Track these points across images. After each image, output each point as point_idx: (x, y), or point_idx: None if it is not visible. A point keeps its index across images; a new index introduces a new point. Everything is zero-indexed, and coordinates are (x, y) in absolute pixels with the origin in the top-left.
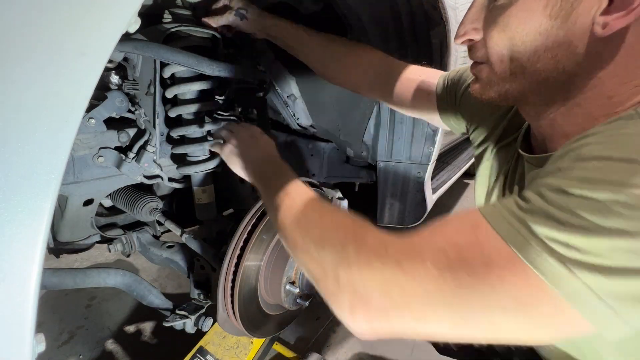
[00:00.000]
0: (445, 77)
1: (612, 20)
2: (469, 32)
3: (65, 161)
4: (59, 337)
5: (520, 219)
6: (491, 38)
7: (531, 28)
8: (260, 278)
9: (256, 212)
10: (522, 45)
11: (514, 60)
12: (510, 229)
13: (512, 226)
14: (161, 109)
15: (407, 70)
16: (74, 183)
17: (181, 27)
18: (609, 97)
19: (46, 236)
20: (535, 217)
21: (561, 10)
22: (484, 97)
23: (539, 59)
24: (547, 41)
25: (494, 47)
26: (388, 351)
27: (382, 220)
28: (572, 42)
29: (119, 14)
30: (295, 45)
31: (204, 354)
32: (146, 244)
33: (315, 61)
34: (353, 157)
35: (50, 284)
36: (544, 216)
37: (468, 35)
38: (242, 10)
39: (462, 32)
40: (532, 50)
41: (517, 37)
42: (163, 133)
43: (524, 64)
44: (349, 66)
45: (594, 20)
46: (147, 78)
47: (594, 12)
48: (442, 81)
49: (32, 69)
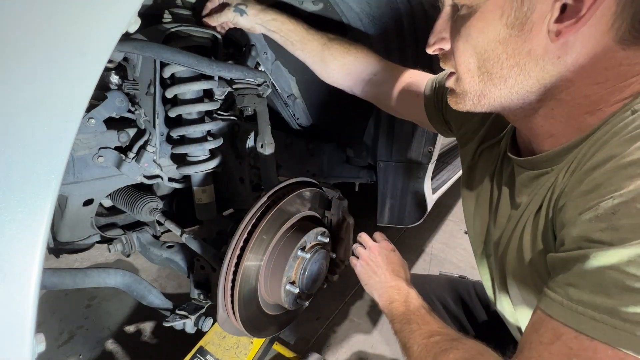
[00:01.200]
0: (433, 80)
1: (564, 27)
2: (438, 41)
3: (65, 161)
4: (59, 337)
5: (601, 307)
6: (457, 48)
7: (491, 37)
8: (260, 278)
9: (256, 212)
10: (485, 53)
11: (481, 67)
12: (597, 325)
13: (597, 320)
14: (161, 109)
15: (401, 73)
16: (74, 183)
17: (181, 27)
18: (585, 96)
19: (46, 236)
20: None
21: (516, 20)
22: (460, 108)
23: (503, 66)
24: (507, 49)
25: (460, 56)
26: (388, 351)
27: (382, 220)
28: (532, 49)
29: (119, 14)
30: (294, 41)
31: (204, 354)
32: (146, 244)
33: (313, 59)
34: (353, 157)
35: (50, 284)
36: (624, 292)
37: (437, 44)
38: (242, 5)
39: (432, 41)
40: (495, 58)
41: (479, 46)
42: (163, 133)
43: (490, 70)
44: (346, 66)
45: (548, 27)
46: (147, 78)
47: (547, 20)
48: (430, 84)
49: (32, 68)
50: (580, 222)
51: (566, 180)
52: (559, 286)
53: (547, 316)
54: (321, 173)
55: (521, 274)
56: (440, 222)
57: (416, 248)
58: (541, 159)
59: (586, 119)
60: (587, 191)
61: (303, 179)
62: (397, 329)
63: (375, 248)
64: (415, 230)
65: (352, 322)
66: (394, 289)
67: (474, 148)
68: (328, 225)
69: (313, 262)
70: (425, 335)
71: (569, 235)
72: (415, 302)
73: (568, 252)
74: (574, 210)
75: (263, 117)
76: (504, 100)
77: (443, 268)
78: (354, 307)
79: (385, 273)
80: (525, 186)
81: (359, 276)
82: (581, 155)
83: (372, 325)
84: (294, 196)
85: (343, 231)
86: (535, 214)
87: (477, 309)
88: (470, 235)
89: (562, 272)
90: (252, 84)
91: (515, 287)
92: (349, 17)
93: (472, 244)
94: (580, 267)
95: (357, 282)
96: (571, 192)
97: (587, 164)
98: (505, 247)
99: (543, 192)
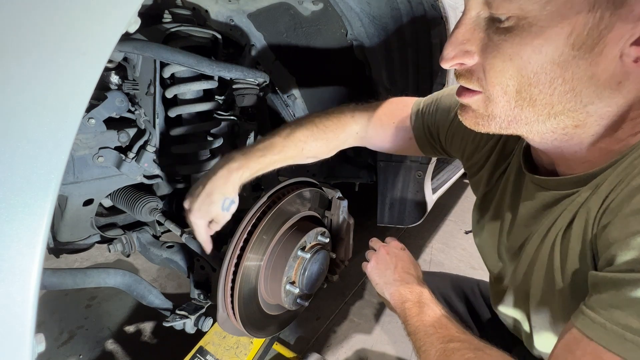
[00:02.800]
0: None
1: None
2: (460, 55)
3: (65, 161)
4: (59, 337)
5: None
6: (493, 67)
7: (547, 58)
8: (260, 278)
9: (256, 212)
10: (534, 76)
11: (522, 92)
12: None
13: None
14: (161, 109)
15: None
16: (74, 183)
17: (181, 27)
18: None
19: (46, 236)
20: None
21: (587, 39)
22: (480, 129)
23: (554, 92)
24: (566, 73)
25: (496, 76)
26: (388, 351)
27: (382, 220)
28: (596, 74)
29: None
30: (282, 160)
31: (204, 354)
32: (146, 244)
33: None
34: (353, 157)
35: (50, 284)
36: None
37: (458, 59)
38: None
39: (451, 54)
40: (546, 82)
41: (529, 68)
42: (163, 133)
43: (535, 96)
44: (332, 140)
45: (622, 51)
46: (147, 78)
47: (623, 42)
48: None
49: (32, 68)
50: (635, 244)
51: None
52: (602, 307)
53: (585, 337)
54: (321, 173)
55: (551, 291)
56: (440, 222)
57: (416, 248)
58: (572, 181)
59: (629, 141)
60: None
61: (303, 179)
62: (410, 331)
63: (384, 248)
64: (415, 230)
65: (352, 322)
66: (406, 287)
67: (487, 175)
68: (328, 225)
69: (313, 262)
70: (443, 340)
71: (620, 255)
72: (430, 302)
73: (617, 274)
74: (624, 228)
75: (263, 116)
76: (539, 127)
77: (443, 268)
78: (354, 307)
79: (395, 271)
80: (548, 206)
81: (370, 277)
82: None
83: (372, 325)
84: (294, 196)
85: (343, 231)
86: (564, 232)
87: (481, 307)
88: (481, 252)
89: (607, 292)
90: (252, 84)
91: (540, 304)
92: (348, 17)
93: (488, 268)
94: (631, 290)
95: (357, 282)
96: (620, 209)
97: (635, 180)
98: (530, 265)
99: (572, 209)
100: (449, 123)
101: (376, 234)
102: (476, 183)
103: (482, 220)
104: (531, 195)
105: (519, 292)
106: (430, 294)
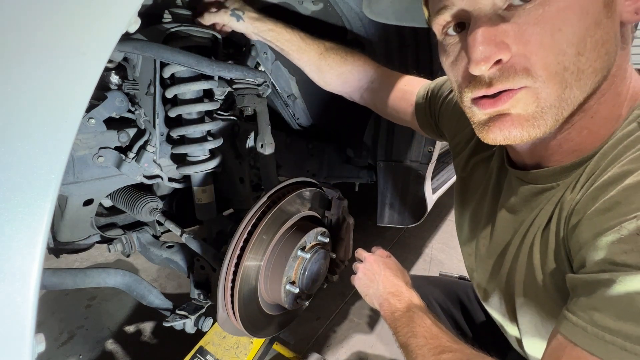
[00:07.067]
0: (426, 88)
1: None
2: (494, 51)
3: (65, 161)
4: (59, 337)
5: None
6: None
7: (592, 19)
8: (260, 278)
9: (256, 212)
10: (581, 44)
11: (570, 67)
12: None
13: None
14: (161, 109)
15: (397, 80)
16: (74, 183)
17: (181, 27)
18: (617, 95)
19: (46, 236)
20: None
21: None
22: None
23: (599, 55)
24: (604, 34)
25: (544, 58)
26: (388, 351)
27: (382, 220)
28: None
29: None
30: (290, 51)
31: (204, 354)
32: (146, 244)
33: (310, 68)
34: (353, 157)
35: (50, 284)
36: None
37: (495, 55)
38: (239, 11)
39: (484, 55)
40: (591, 47)
41: (578, 34)
42: (163, 133)
43: (582, 67)
44: (343, 75)
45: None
46: (147, 78)
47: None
48: (422, 92)
49: (32, 68)
50: (603, 244)
51: (577, 196)
52: (581, 310)
53: (570, 342)
54: (321, 173)
55: (534, 292)
56: (440, 222)
57: (416, 248)
58: (547, 173)
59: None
60: (605, 209)
61: (303, 179)
62: (402, 342)
63: (369, 257)
64: (415, 230)
65: (352, 322)
66: (394, 295)
67: (465, 159)
68: (328, 225)
69: (313, 262)
70: (435, 352)
71: (591, 257)
72: (419, 311)
73: (591, 275)
74: (592, 229)
75: (263, 117)
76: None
77: (443, 268)
78: (354, 307)
79: (383, 280)
80: (527, 201)
81: (359, 289)
82: (589, 170)
83: (372, 325)
84: (294, 196)
85: (343, 231)
86: (543, 230)
87: (476, 311)
88: (463, 250)
89: (584, 295)
90: (252, 84)
91: (523, 305)
92: (349, 17)
93: (463, 256)
94: (605, 291)
95: None
96: (585, 210)
97: (600, 180)
98: (512, 265)
99: (550, 207)
100: (447, 91)
101: (376, 234)
102: (456, 165)
103: (464, 214)
104: (514, 191)
105: (505, 294)
106: (419, 300)
